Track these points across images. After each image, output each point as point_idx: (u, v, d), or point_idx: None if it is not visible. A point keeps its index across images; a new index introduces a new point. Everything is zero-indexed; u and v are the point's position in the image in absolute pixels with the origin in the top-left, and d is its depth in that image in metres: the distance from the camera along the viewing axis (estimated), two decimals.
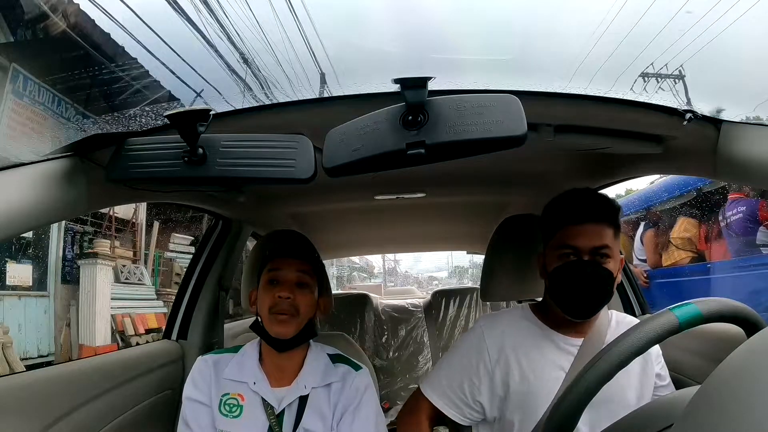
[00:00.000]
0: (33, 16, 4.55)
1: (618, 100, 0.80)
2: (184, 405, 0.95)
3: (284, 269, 0.97)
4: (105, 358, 1.20)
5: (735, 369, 0.42)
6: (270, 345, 0.96)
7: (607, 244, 0.87)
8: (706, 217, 3.37)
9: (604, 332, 0.92)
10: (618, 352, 0.57)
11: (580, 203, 0.91)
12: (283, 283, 0.95)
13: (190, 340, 1.46)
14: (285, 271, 0.97)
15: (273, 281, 0.96)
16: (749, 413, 0.36)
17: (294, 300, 0.94)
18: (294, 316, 0.94)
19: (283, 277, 0.96)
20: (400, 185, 1.42)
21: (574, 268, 0.87)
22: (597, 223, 0.88)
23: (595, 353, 0.87)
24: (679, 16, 5.75)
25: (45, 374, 0.98)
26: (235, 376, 0.96)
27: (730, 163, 0.76)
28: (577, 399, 0.57)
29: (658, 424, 0.55)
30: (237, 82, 5.34)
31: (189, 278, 1.53)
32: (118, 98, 4.92)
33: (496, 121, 0.56)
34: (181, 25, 4.92)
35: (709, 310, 0.58)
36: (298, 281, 0.96)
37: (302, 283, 0.97)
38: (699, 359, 1.05)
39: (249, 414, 0.93)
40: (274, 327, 0.94)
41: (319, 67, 6.17)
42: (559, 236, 0.90)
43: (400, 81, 0.55)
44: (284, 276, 0.96)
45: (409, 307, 2.84)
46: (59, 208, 0.71)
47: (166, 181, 0.66)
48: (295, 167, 0.62)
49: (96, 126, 0.73)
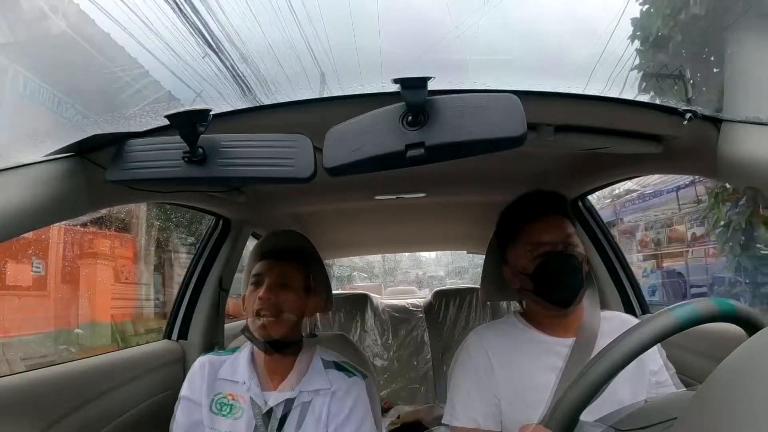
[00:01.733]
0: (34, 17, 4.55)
1: (618, 99, 0.80)
2: (178, 403, 0.97)
3: (266, 271, 0.97)
4: (105, 358, 1.20)
5: (735, 369, 0.42)
6: (258, 347, 0.97)
7: (571, 234, 0.92)
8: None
9: (595, 329, 0.93)
10: (620, 350, 0.58)
11: (535, 201, 0.96)
12: (265, 285, 0.96)
13: (191, 340, 1.46)
14: (267, 273, 0.97)
15: (256, 283, 0.97)
16: (749, 413, 0.36)
17: (276, 300, 0.94)
18: (277, 317, 0.94)
19: (265, 278, 0.97)
20: (400, 185, 1.42)
21: (550, 260, 0.90)
22: (556, 215, 0.93)
23: (589, 349, 0.88)
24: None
25: (46, 374, 0.98)
26: (229, 376, 0.98)
27: (730, 163, 0.76)
28: (580, 394, 0.58)
29: (663, 415, 0.56)
30: (237, 82, 5.35)
31: (189, 278, 1.53)
32: (117, 98, 4.92)
33: (496, 121, 0.55)
34: (181, 25, 4.93)
35: (707, 309, 0.58)
36: (281, 282, 0.96)
37: (285, 284, 0.97)
38: (699, 359, 1.05)
39: (238, 413, 0.94)
40: (257, 329, 0.94)
41: (319, 67, 6.17)
42: (524, 237, 0.93)
43: (400, 81, 0.55)
44: (266, 277, 0.97)
45: (409, 307, 2.84)
46: (59, 208, 0.71)
47: (166, 182, 0.66)
48: (294, 167, 0.62)
49: (96, 126, 0.73)
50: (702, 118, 0.77)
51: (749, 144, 0.73)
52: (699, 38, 6.43)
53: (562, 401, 0.59)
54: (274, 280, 0.96)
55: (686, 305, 0.59)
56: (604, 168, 1.21)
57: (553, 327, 0.94)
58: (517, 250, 0.95)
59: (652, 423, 0.57)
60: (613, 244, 1.51)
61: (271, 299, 0.94)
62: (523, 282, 0.94)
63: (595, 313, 0.96)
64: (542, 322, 0.95)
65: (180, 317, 1.49)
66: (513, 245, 0.96)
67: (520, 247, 0.94)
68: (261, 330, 0.93)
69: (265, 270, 0.98)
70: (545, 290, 0.91)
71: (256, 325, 0.94)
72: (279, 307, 0.94)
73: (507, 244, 0.98)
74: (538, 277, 0.91)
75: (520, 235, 0.94)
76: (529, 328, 0.96)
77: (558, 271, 0.90)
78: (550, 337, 0.94)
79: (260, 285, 0.96)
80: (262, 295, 0.94)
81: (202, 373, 0.98)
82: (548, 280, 0.91)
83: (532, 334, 0.95)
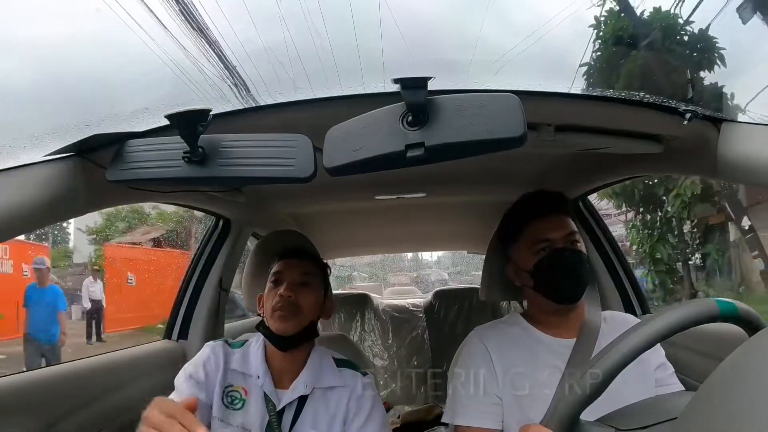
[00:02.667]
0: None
1: (618, 99, 0.80)
2: (183, 379, 0.94)
3: (288, 270, 0.98)
4: (105, 358, 1.20)
5: (735, 369, 0.42)
6: (273, 343, 0.97)
7: (575, 231, 0.93)
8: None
9: (596, 329, 0.93)
10: (658, 325, 0.57)
11: (540, 199, 0.98)
12: (286, 283, 0.97)
13: (191, 340, 1.46)
14: (289, 272, 0.98)
15: (277, 282, 0.98)
16: (749, 413, 0.36)
17: (296, 299, 0.95)
18: (295, 314, 0.95)
19: (287, 277, 0.98)
20: (400, 185, 1.42)
21: (556, 256, 0.91)
22: (560, 213, 0.94)
23: (589, 349, 0.88)
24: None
25: (46, 374, 0.98)
26: (241, 369, 0.97)
27: (730, 163, 0.76)
28: (614, 362, 0.57)
29: (664, 415, 0.56)
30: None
31: (189, 278, 1.53)
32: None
33: (496, 121, 0.55)
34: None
35: (744, 311, 0.59)
36: (302, 281, 0.98)
37: (305, 283, 0.98)
38: (699, 359, 1.05)
39: (250, 408, 0.94)
40: (275, 324, 0.95)
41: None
42: (529, 235, 0.94)
43: (400, 81, 0.55)
44: (288, 276, 0.98)
45: (409, 307, 2.84)
46: (59, 208, 0.71)
47: (166, 182, 0.66)
48: (294, 166, 0.62)
49: (96, 126, 0.73)
50: (702, 118, 0.77)
51: (749, 144, 0.73)
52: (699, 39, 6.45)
53: (594, 368, 0.58)
54: (295, 279, 0.97)
55: (728, 300, 0.59)
56: (604, 168, 1.21)
57: (554, 326, 0.94)
58: (520, 248, 0.95)
59: (653, 423, 0.57)
60: (613, 244, 1.51)
61: (291, 297, 0.95)
62: (526, 280, 0.95)
63: (596, 313, 0.96)
64: (544, 322, 0.96)
65: (180, 317, 1.49)
66: (517, 243, 0.97)
67: (524, 245, 0.94)
68: (278, 326, 0.94)
69: (286, 268, 0.99)
70: (550, 287, 0.92)
71: (275, 322, 0.94)
72: (298, 306, 0.95)
73: (510, 242, 0.99)
74: (542, 274, 0.91)
75: (524, 233, 0.95)
76: (530, 327, 0.97)
77: (563, 268, 0.90)
78: (552, 337, 0.94)
79: (280, 283, 0.97)
80: (282, 292, 0.95)
81: (217, 360, 0.97)
82: (553, 277, 0.91)
83: (533, 333, 0.96)
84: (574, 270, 0.91)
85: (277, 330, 0.94)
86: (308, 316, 0.97)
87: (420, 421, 2.13)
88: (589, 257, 0.96)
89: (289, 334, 0.94)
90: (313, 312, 0.98)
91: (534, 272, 0.93)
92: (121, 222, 12.14)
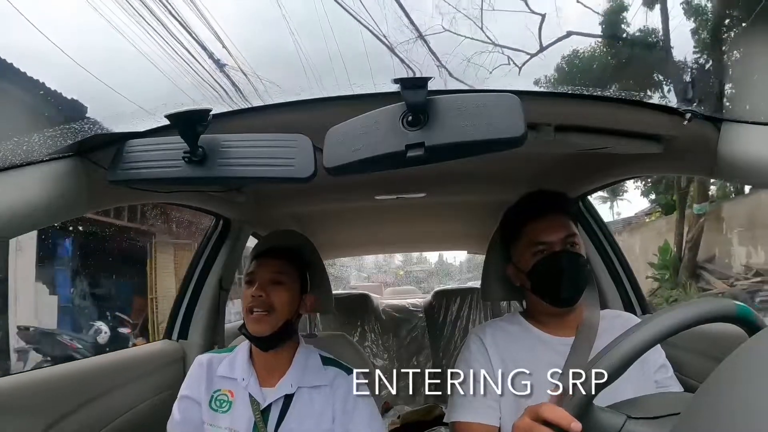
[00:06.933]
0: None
1: (618, 99, 0.80)
2: (177, 402, 0.99)
3: (259, 270, 0.99)
4: (106, 358, 1.20)
5: (735, 369, 0.42)
6: (252, 343, 0.99)
7: (574, 233, 0.92)
8: None
9: (595, 328, 0.93)
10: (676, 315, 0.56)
11: (540, 200, 0.97)
12: (258, 283, 0.97)
13: (191, 340, 1.46)
14: (260, 272, 0.99)
15: (250, 282, 0.99)
16: (749, 413, 0.36)
17: (267, 297, 0.96)
18: (268, 313, 0.95)
19: (258, 277, 0.98)
20: (400, 185, 1.42)
21: (553, 259, 0.91)
22: (559, 214, 0.94)
23: (588, 347, 0.88)
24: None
25: (46, 374, 0.98)
26: (227, 373, 0.99)
27: (730, 163, 0.76)
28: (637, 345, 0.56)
29: (675, 408, 0.55)
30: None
31: (189, 278, 1.53)
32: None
33: (496, 121, 0.55)
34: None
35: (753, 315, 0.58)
36: (273, 280, 0.98)
37: (278, 281, 0.98)
38: (699, 359, 1.05)
39: (236, 409, 0.96)
40: (250, 324, 0.96)
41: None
42: (528, 235, 0.94)
43: (400, 81, 0.55)
44: (259, 276, 0.98)
45: (409, 307, 2.84)
46: (59, 208, 0.71)
47: (166, 182, 0.66)
48: (294, 166, 0.62)
49: (96, 126, 0.73)
50: (702, 118, 0.77)
51: (749, 144, 0.73)
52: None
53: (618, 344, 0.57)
54: (265, 278, 0.98)
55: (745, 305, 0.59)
56: (604, 168, 1.21)
57: (553, 325, 0.95)
58: (521, 248, 0.95)
59: (663, 414, 0.57)
60: (613, 244, 1.50)
61: (263, 296, 0.95)
62: (524, 281, 0.95)
63: (595, 311, 0.97)
64: (543, 321, 0.96)
65: (180, 317, 1.49)
66: (517, 244, 0.97)
67: (524, 246, 0.94)
68: (253, 327, 0.95)
69: (257, 268, 1.00)
70: (547, 290, 0.92)
71: (250, 324, 0.96)
72: (271, 305, 0.96)
73: (511, 242, 0.99)
74: (541, 275, 0.92)
75: (524, 234, 0.95)
76: (530, 326, 0.97)
77: (562, 270, 0.90)
78: (551, 336, 0.94)
79: (253, 284, 0.98)
80: (253, 292, 0.96)
81: (201, 372, 1.00)
82: (550, 280, 0.91)
83: (533, 331, 0.96)
84: (571, 274, 0.91)
85: (254, 332, 0.96)
86: (283, 314, 0.97)
87: (420, 421, 2.13)
88: (588, 258, 0.96)
89: (266, 334, 0.95)
90: (288, 310, 0.98)
91: (531, 274, 0.93)
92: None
